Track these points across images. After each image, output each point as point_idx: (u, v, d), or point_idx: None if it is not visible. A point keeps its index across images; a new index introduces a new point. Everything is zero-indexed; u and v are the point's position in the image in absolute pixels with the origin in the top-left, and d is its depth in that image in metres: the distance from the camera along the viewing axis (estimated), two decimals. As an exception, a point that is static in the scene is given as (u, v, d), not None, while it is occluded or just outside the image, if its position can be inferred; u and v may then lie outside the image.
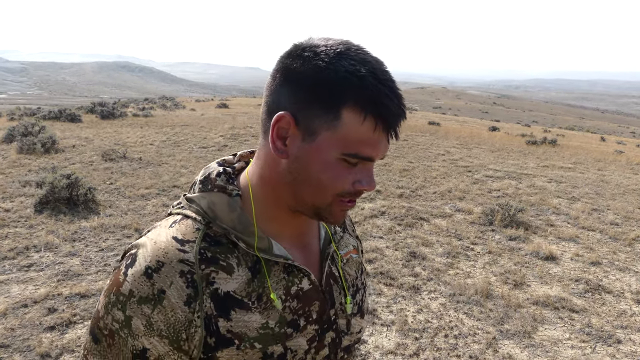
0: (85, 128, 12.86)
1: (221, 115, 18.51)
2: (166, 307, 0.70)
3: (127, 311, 0.70)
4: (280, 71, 0.73)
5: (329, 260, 0.87)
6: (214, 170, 0.82)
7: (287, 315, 0.78)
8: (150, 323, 0.70)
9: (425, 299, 3.97)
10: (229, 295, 0.74)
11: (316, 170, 0.72)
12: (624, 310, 3.95)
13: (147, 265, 0.71)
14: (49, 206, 5.64)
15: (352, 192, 0.74)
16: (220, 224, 0.76)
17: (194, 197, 0.79)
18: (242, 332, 0.74)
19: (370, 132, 0.69)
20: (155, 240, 0.74)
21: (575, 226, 6.13)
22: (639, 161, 12.55)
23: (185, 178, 7.50)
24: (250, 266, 0.76)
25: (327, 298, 0.84)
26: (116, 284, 0.72)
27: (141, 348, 0.71)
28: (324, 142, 0.70)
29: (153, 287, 0.70)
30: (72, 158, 8.60)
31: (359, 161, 0.72)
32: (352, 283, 0.90)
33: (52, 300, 3.62)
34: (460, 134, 15.97)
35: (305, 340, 0.79)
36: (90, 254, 4.54)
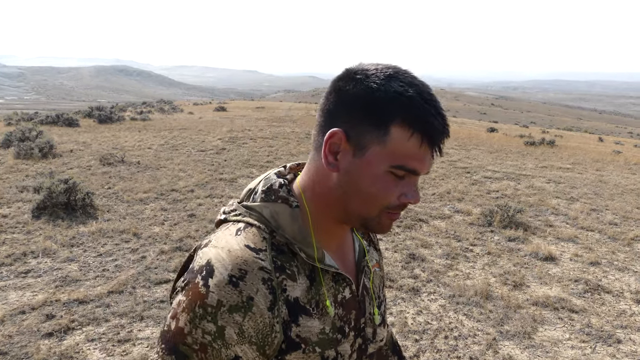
0: (82, 132, 12.85)
1: (219, 118, 18.50)
2: (255, 313, 0.73)
3: (218, 321, 0.72)
4: (333, 92, 0.80)
5: (362, 273, 0.93)
6: (276, 182, 0.85)
7: (337, 322, 0.83)
8: (242, 331, 0.73)
9: (425, 301, 3.96)
10: (297, 302, 0.78)
11: (366, 184, 0.77)
12: (624, 310, 3.95)
13: (230, 274, 0.73)
14: (47, 211, 5.63)
15: (397, 204, 0.78)
16: (282, 233, 0.80)
17: (255, 206, 0.83)
18: (307, 337, 0.78)
19: (416, 148, 0.75)
20: (229, 249, 0.76)
21: (574, 226, 6.13)
22: (636, 161, 12.56)
23: (183, 182, 7.49)
24: (307, 274, 0.81)
25: (360, 307, 0.90)
26: (199, 297, 0.73)
27: (234, 356, 0.73)
28: (373, 156, 0.76)
29: (241, 295, 0.72)
30: (70, 163, 8.58)
31: (405, 174, 0.77)
32: (377, 295, 0.97)
33: (50, 306, 3.60)
34: (458, 135, 15.98)
35: (349, 346, 0.85)
36: (89, 259, 4.53)
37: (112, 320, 3.44)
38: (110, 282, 4.05)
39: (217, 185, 7.44)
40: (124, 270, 4.28)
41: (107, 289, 3.91)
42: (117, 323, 3.41)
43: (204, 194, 6.84)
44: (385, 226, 0.81)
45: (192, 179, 7.70)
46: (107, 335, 3.26)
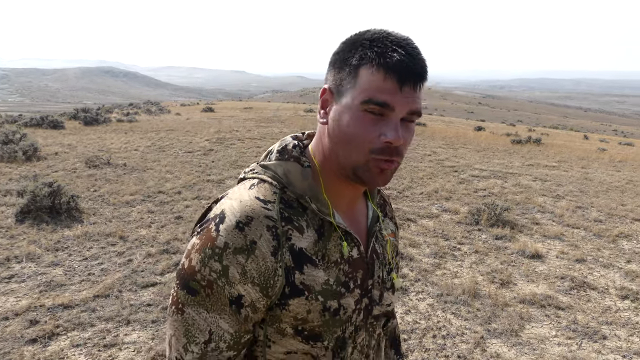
0: (68, 135, 12.70)
1: (207, 119, 18.41)
2: (258, 256, 0.79)
3: (224, 261, 0.79)
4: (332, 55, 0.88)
5: (373, 238, 0.97)
6: (290, 143, 0.92)
7: (341, 277, 0.88)
8: (245, 271, 0.79)
9: (413, 300, 3.97)
10: (302, 252, 0.84)
11: (345, 125, 0.81)
12: (609, 306, 3.99)
13: (238, 220, 0.80)
14: (31, 215, 5.55)
15: (380, 147, 0.80)
16: (293, 189, 0.86)
17: (269, 165, 0.89)
18: (310, 285, 0.84)
19: (381, 81, 0.79)
20: (240, 199, 0.83)
21: (560, 224, 6.19)
22: (620, 159, 12.72)
23: (170, 183, 7.43)
24: (316, 229, 0.86)
25: (369, 269, 0.93)
26: (209, 240, 0.80)
27: (237, 295, 0.80)
28: (348, 98, 0.81)
29: (246, 239, 0.79)
30: (55, 165, 8.47)
31: (380, 110, 0.79)
32: (388, 262, 1.01)
33: (34, 312, 3.55)
34: (446, 134, 16.06)
35: (353, 301, 0.90)
36: (74, 263, 4.47)
37: (97, 325, 3.40)
38: (96, 286, 4.00)
39: (205, 186, 7.39)
40: (110, 274, 4.23)
41: (93, 293, 3.86)
42: (103, 328, 3.37)
43: (191, 196, 6.79)
44: (375, 174, 0.83)
45: (179, 180, 7.65)
46: (93, 340, 3.22)
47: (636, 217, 6.57)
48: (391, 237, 1.05)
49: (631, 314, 3.86)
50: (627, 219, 6.49)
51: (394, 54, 0.79)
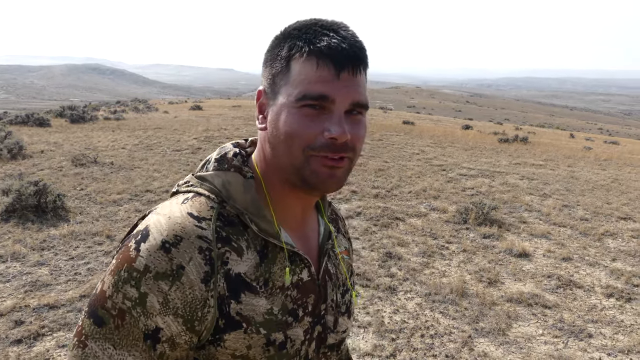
0: (54, 133, 12.56)
1: (195, 117, 18.30)
2: (184, 283, 0.68)
3: (141, 287, 0.67)
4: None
5: (325, 256, 0.87)
6: (230, 151, 0.82)
7: (289, 304, 0.77)
8: (167, 300, 0.68)
9: (402, 300, 3.98)
10: (240, 277, 0.73)
11: (281, 125, 0.73)
12: (595, 304, 4.04)
13: (164, 240, 0.69)
14: (16, 214, 5.47)
15: (322, 143, 0.71)
16: (233, 204, 0.76)
17: (206, 176, 0.79)
18: (250, 315, 0.73)
19: (313, 70, 0.71)
20: (169, 216, 0.72)
21: (547, 222, 6.25)
22: (606, 157, 12.88)
23: (158, 182, 7.38)
24: (258, 250, 0.76)
25: (321, 292, 0.84)
26: (127, 260, 0.69)
27: (154, 328, 0.68)
28: (282, 96, 0.73)
29: (171, 262, 0.68)
30: (41, 164, 8.37)
31: (317, 103, 0.71)
32: (342, 282, 0.91)
33: (19, 312, 3.50)
34: (434, 133, 16.14)
35: (302, 331, 0.79)
36: (60, 262, 4.42)
37: (84, 326, 3.36)
38: (82, 286, 3.96)
39: (193, 185, 7.34)
40: (97, 274, 4.19)
41: (79, 293, 3.82)
42: (90, 328, 3.33)
43: (179, 195, 6.74)
44: (320, 174, 0.73)
45: (167, 179, 7.59)
46: (79, 341, 3.19)
47: (621, 216, 6.66)
48: (345, 254, 0.96)
49: (616, 312, 3.91)
50: (613, 218, 6.58)
51: (323, 38, 0.72)
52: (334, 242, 0.92)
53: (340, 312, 0.88)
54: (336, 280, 0.89)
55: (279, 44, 0.76)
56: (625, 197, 7.85)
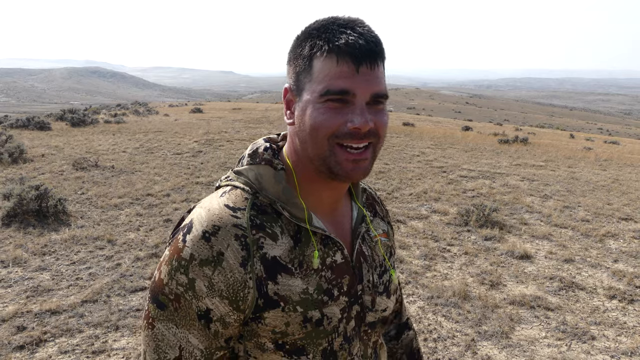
0: (55, 136, 12.56)
1: (195, 120, 18.31)
2: (225, 268, 0.76)
3: (190, 274, 0.76)
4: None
5: (359, 239, 0.92)
6: (261, 146, 0.89)
7: (323, 284, 0.83)
8: (212, 284, 0.76)
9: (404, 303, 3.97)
10: (276, 260, 0.79)
11: (309, 119, 0.78)
12: (597, 306, 4.03)
13: (204, 230, 0.77)
14: (17, 219, 5.47)
15: (346, 132, 0.77)
16: (266, 194, 0.83)
17: (242, 170, 0.86)
18: (287, 295, 0.79)
19: (334, 66, 0.77)
20: (208, 208, 0.81)
21: (548, 224, 6.24)
22: (606, 157, 12.87)
23: (159, 185, 7.38)
24: (292, 235, 0.82)
25: (356, 273, 0.89)
26: (176, 251, 0.78)
27: (205, 309, 0.77)
28: (307, 92, 0.79)
29: (212, 250, 0.76)
30: (42, 168, 8.37)
31: (342, 98, 0.76)
32: (379, 264, 0.95)
33: (21, 317, 3.50)
34: (434, 134, 16.14)
35: (338, 310, 0.85)
36: (61, 267, 4.42)
37: (86, 331, 3.36)
38: (84, 291, 3.95)
39: (194, 189, 7.35)
40: (98, 279, 4.19)
41: (81, 298, 3.82)
42: (92, 333, 3.33)
43: (180, 198, 6.74)
44: (345, 167, 0.78)
45: (168, 182, 7.59)
46: (81, 346, 3.18)
47: (622, 216, 6.65)
48: (383, 237, 1.00)
49: (619, 313, 3.91)
50: (614, 218, 6.57)
51: (341, 36, 0.77)
52: (369, 225, 0.97)
53: (377, 291, 0.93)
54: (372, 262, 0.93)
55: (301, 44, 0.81)
56: (626, 197, 7.85)
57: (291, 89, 0.83)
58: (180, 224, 0.84)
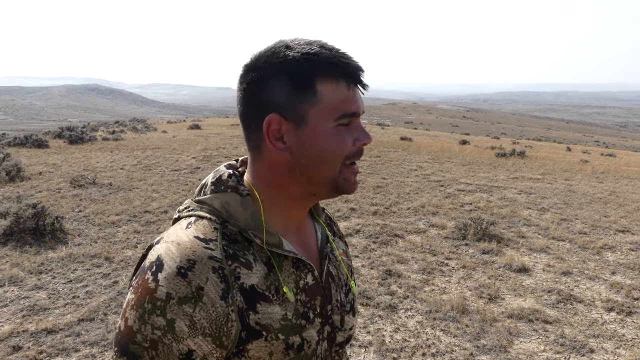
0: (52, 154, 12.58)
1: (193, 136, 18.37)
2: (206, 303, 0.71)
3: (167, 315, 0.70)
4: (247, 84, 0.81)
5: (326, 259, 0.93)
6: (224, 173, 0.86)
7: (300, 308, 0.82)
8: (193, 322, 0.71)
9: (402, 318, 3.96)
10: (254, 289, 0.77)
11: (322, 145, 0.79)
12: (595, 319, 4.02)
13: (179, 266, 0.72)
14: (14, 238, 5.46)
15: (355, 151, 0.82)
16: (235, 222, 0.80)
17: (205, 199, 0.83)
18: (267, 323, 0.77)
19: (345, 91, 0.80)
20: (177, 242, 0.75)
21: (546, 237, 6.25)
22: (603, 170, 12.92)
23: (157, 202, 7.38)
24: (265, 261, 0.80)
25: (326, 294, 0.89)
26: (148, 292, 0.71)
27: (186, 351, 0.71)
28: (316, 118, 0.78)
29: (190, 285, 0.71)
30: (39, 186, 8.38)
31: (349, 120, 0.80)
32: (345, 282, 0.96)
33: (16, 337, 3.48)
34: (431, 148, 16.20)
35: (315, 332, 0.84)
36: (58, 286, 4.40)
37: (82, 350, 3.34)
38: (80, 309, 3.94)
39: (191, 205, 7.33)
40: (95, 297, 4.17)
41: (77, 316, 3.80)
42: (88, 352, 3.31)
43: (177, 215, 6.73)
44: (351, 182, 0.83)
45: (166, 199, 7.60)
46: (78, 365, 3.16)
47: (619, 229, 6.67)
48: (343, 256, 1.01)
49: (617, 326, 3.90)
50: (611, 231, 6.58)
51: (346, 61, 0.79)
52: (332, 245, 0.98)
53: (345, 310, 0.93)
54: (338, 281, 0.94)
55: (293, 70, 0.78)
56: (623, 209, 7.87)
57: (284, 117, 0.79)
58: (141, 263, 0.79)
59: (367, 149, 14.47)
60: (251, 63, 0.81)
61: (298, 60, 0.78)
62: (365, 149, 0.98)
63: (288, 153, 0.80)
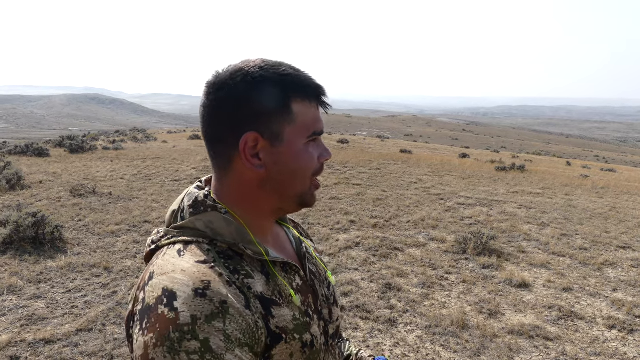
0: (53, 163, 12.58)
1: (194, 147, 18.39)
2: (234, 315, 0.71)
3: (200, 335, 0.67)
4: (217, 102, 0.81)
5: (305, 259, 0.97)
6: (199, 194, 0.86)
7: (302, 307, 0.86)
8: (227, 336, 0.69)
9: (402, 332, 3.94)
10: (264, 296, 0.79)
11: (295, 163, 0.83)
12: (597, 336, 4.00)
13: (194, 288, 0.70)
14: (13, 246, 5.45)
15: (319, 167, 0.88)
16: (222, 239, 0.81)
17: (186, 224, 0.83)
18: (284, 325, 0.79)
19: (315, 111, 0.85)
20: (181, 270, 0.73)
21: (546, 252, 6.23)
22: (603, 185, 12.93)
23: (156, 213, 7.37)
24: (260, 270, 0.83)
25: (314, 291, 0.93)
26: (169, 324, 0.67)
27: None
28: (290, 136, 0.82)
29: (212, 302, 0.70)
30: (39, 194, 8.37)
31: (316, 138, 0.86)
32: (325, 277, 1.01)
33: (14, 347, 3.45)
34: (431, 161, 16.22)
35: (317, 328, 0.88)
36: (57, 295, 4.38)
37: (80, 361, 3.31)
38: (79, 319, 3.91)
39: (191, 215, 7.32)
40: (94, 307, 4.15)
41: (76, 327, 3.78)
42: (86, 364, 3.28)
43: (177, 225, 6.72)
44: (314, 194, 0.89)
45: (166, 210, 7.58)
46: (75, 377, 3.13)
47: (620, 245, 6.65)
48: (317, 253, 1.07)
49: (619, 344, 3.87)
50: (612, 247, 6.57)
51: (314, 84, 0.85)
52: (306, 244, 1.03)
53: (330, 303, 0.97)
54: (319, 277, 0.98)
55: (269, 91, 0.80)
56: (623, 225, 7.86)
57: (261, 135, 0.80)
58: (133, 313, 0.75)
59: (366, 161, 14.50)
60: (219, 82, 0.82)
61: (274, 80, 0.81)
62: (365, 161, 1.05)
63: (264, 170, 0.83)
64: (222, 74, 0.83)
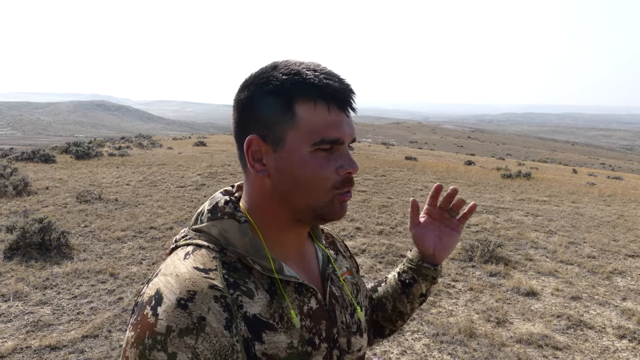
0: (59, 169, 12.64)
1: (199, 153, 18.43)
2: (209, 333, 0.68)
3: (169, 348, 0.66)
4: (235, 107, 0.81)
5: (329, 281, 0.90)
6: (221, 199, 0.84)
7: (305, 334, 0.79)
8: (196, 354, 0.67)
9: (409, 340, 3.90)
10: (257, 318, 0.74)
11: (298, 171, 0.76)
12: (607, 346, 3.95)
13: (179, 297, 0.69)
14: (20, 252, 5.45)
15: (340, 180, 0.78)
16: (234, 249, 0.77)
17: (202, 227, 0.81)
18: (274, 353, 0.74)
19: (326, 114, 0.75)
20: (176, 274, 0.73)
21: (554, 260, 6.18)
22: (610, 193, 12.85)
23: (162, 219, 7.37)
24: (267, 288, 0.77)
25: (331, 317, 0.86)
26: (147, 328, 0.68)
27: None
28: (292, 142, 0.76)
29: (191, 316, 0.68)
30: (45, 200, 8.39)
31: (331, 146, 0.76)
32: (349, 303, 0.93)
33: (20, 353, 3.44)
34: (437, 168, 16.18)
35: (321, 358, 0.81)
36: (63, 301, 4.37)
37: (86, 368, 3.30)
38: (84, 325, 3.90)
39: (197, 222, 7.32)
40: (100, 313, 4.14)
41: (82, 333, 3.76)
42: (92, 371, 3.27)
43: (183, 232, 6.72)
44: (337, 210, 0.80)
45: (171, 216, 7.59)
46: (81, 384, 3.12)
47: (629, 253, 6.59)
48: (347, 274, 0.98)
49: (629, 354, 3.82)
50: (620, 255, 6.51)
51: (328, 83, 0.76)
52: (334, 265, 0.95)
53: (351, 332, 0.90)
54: (342, 302, 0.91)
55: (273, 91, 0.76)
56: (632, 234, 7.79)
57: (262, 139, 0.77)
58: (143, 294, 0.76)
59: (372, 168, 14.46)
60: (244, 83, 0.80)
61: (280, 80, 0.76)
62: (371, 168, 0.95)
63: (267, 176, 0.79)
64: (249, 76, 0.81)
